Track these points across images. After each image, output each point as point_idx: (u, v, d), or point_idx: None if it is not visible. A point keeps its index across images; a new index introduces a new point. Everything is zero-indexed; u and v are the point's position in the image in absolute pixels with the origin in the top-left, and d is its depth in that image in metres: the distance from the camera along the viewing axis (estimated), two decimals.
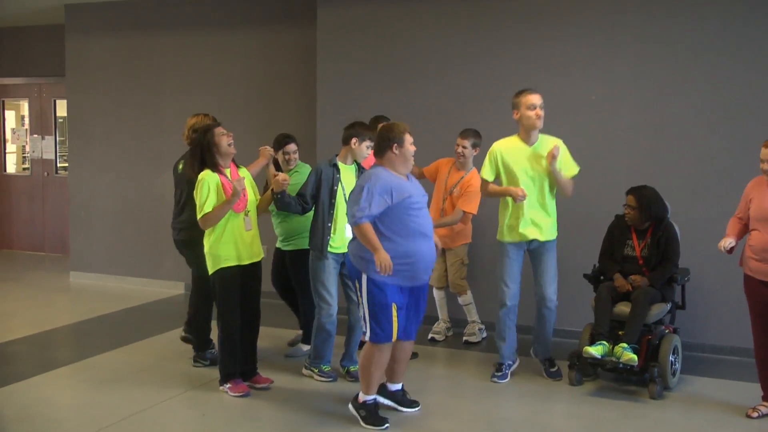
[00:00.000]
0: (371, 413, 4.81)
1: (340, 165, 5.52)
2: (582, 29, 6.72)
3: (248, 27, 8.54)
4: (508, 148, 5.62)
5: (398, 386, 5.07)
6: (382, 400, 4.99)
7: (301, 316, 6.38)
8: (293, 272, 6.20)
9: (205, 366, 5.93)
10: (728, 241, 4.95)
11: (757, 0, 6.21)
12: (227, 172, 5.26)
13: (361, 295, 4.74)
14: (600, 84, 6.68)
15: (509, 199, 5.56)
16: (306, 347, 6.20)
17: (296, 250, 6.11)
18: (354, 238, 4.81)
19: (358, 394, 4.88)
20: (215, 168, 5.20)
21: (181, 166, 5.99)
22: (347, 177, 5.51)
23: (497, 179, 5.67)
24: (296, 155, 6.25)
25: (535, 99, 5.47)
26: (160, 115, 8.90)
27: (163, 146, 8.63)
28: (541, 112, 5.48)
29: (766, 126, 5.67)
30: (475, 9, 7.08)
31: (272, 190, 5.48)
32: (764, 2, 6.19)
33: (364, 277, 4.69)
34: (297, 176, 6.10)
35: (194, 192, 5.19)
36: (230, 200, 5.08)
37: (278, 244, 6.31)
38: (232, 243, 5.20)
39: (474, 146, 6.41)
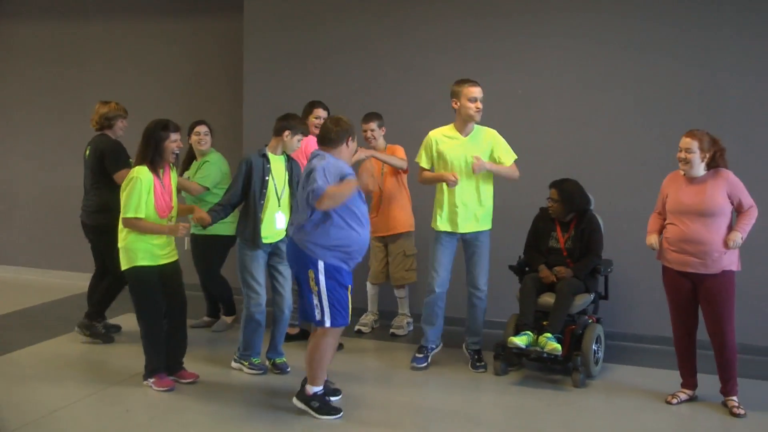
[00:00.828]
0: (324, 403, 4.81)
1: (270, 155, 5.48)
2: (509, 24, 6.81)
3: (174, 15, 8.40)
4: (443, 137, 5.64)
5: None
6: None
7: (222, 301, 6.70)
8: (202, 255, 6.42)
9: (86, 336, 6.09)
10: (654, 238, 5.10)
11: None
12: (161, 172, 5.17)
13: (317, 284, 4.63)
14: (526, 78, 6.77)
15: (444, 187, 5.60)
16: (229, 319, 6.49)
17: (206, 234, 6.29)
18: (298, 230, 4.69)
19: (302, 389, 4.84)
20: (153, 167, 5.10)
21: (87, 152, 6.23)
22: (277, 167, 5.48)
23: (432, 168, 5.69)
24: (207, 137, 6.42)
25: (476, 92, 5.49)
26: (85, 103, 8.59)
27: (87, 136, 8.32)
28: (481, 105, 5.50)
29: (687, 120, 5.81)
30: (403, 2, 7.10)
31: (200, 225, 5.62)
32: None
33: (321, 264, 4.60)
34: (207, 166, 6.31)
35: (123, 186, 5.09)
36: (163, 231, 5.09)
37: (192, 230, 6.37)
38: (149, 243, 5.12)
39: (380, 126, 6.46)
